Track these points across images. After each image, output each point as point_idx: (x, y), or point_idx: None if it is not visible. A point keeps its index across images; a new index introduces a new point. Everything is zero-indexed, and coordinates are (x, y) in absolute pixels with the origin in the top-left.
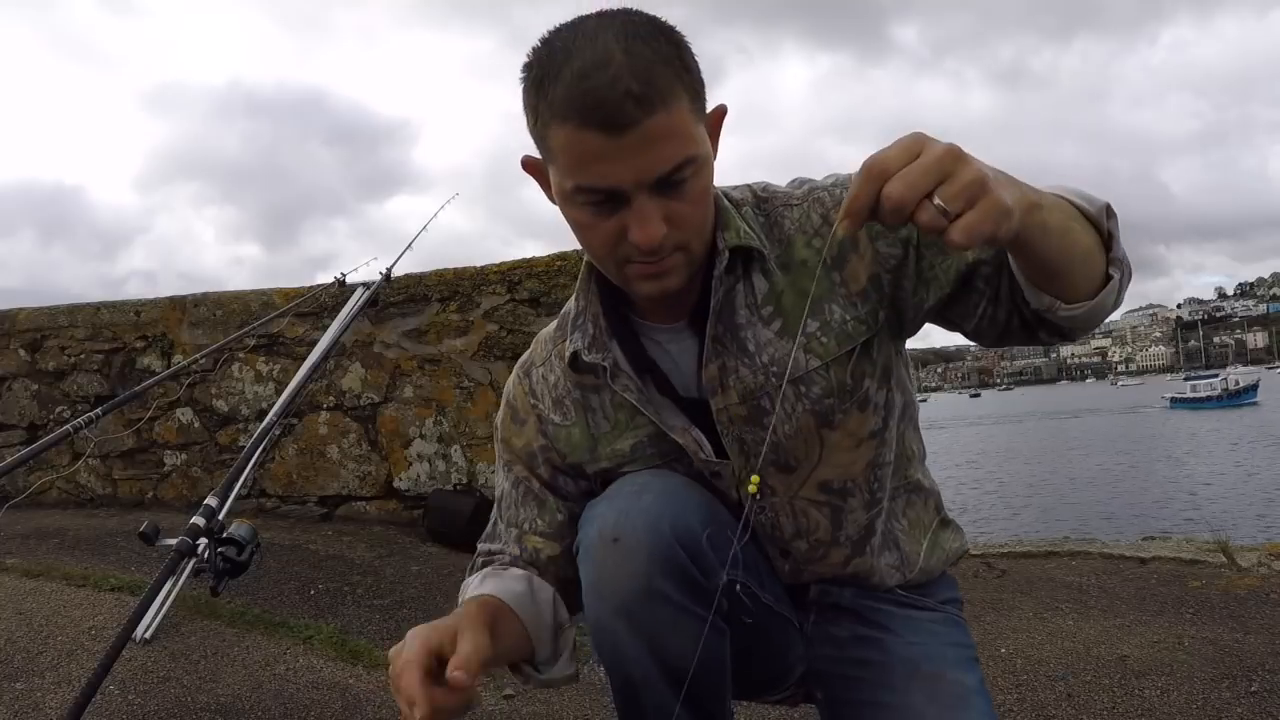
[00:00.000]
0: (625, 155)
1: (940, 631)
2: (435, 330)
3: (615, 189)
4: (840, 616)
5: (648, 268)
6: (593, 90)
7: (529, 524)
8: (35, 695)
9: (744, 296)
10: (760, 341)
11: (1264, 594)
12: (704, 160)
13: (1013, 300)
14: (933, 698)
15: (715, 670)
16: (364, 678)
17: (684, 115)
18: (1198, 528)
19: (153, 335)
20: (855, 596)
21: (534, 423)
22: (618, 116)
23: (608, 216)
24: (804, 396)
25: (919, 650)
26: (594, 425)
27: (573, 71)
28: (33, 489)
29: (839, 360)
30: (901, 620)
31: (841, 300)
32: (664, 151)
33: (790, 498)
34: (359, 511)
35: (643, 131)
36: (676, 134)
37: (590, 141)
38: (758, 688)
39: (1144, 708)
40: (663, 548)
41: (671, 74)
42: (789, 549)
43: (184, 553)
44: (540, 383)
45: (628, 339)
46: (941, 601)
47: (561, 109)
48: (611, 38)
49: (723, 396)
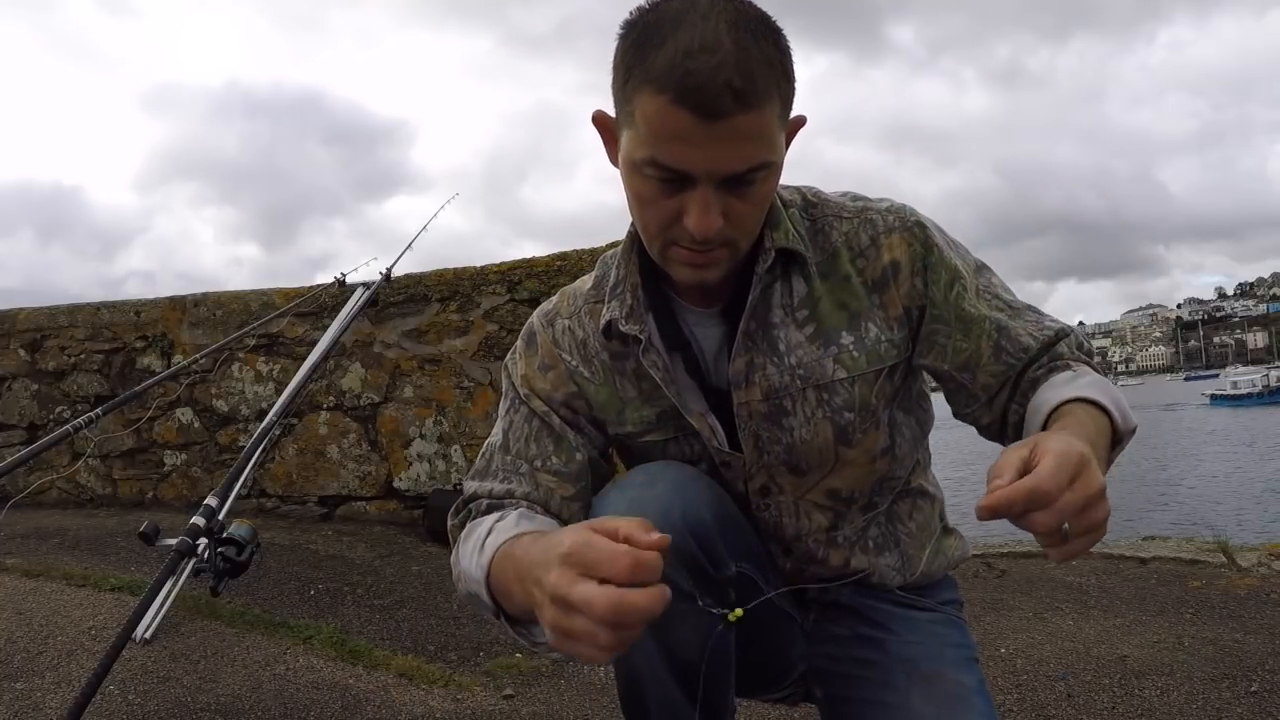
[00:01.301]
0: (708, 143)
1: (940, 632)
2: (435, 330)
3: (687, 173)
4: (841, 615)
5: (694, 256)
6: (696, 71)
7: (542, 460)
8: (35, 695)
9: (780, 296)
10: (791, 343)
11: (1264, 594)
12: (777, 167)
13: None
14: (931, 697)
15: (721, 663)
16: (364, 678)
17: (772, 120)
18: (1247, 534)
19: (153, 335)
20: (855, 595)
21: (562, 369)
22: (713, 105)
23: (670, 196)
24: (826, 404)
25: (918, 650)
26: (621, 389)
27: (679, 46)
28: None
29: (865, 378)
30: (901, 620)
31: (879, 321)
32: (745, 150)
33: (797, 499)
34: (359, 511)
35: (732, 125)
36: (761, 136)
37: (679, 120)
38: (759, 685)
39: (1144, 708)
40: (674, 538)
41: (772, 77)
42: (791, 548)
43: (184, 553)
44: (565, 334)
45: (663, 314)
46: (941, 602)
47: (659, 79)
48: (724, 24)
49: (746, 391)
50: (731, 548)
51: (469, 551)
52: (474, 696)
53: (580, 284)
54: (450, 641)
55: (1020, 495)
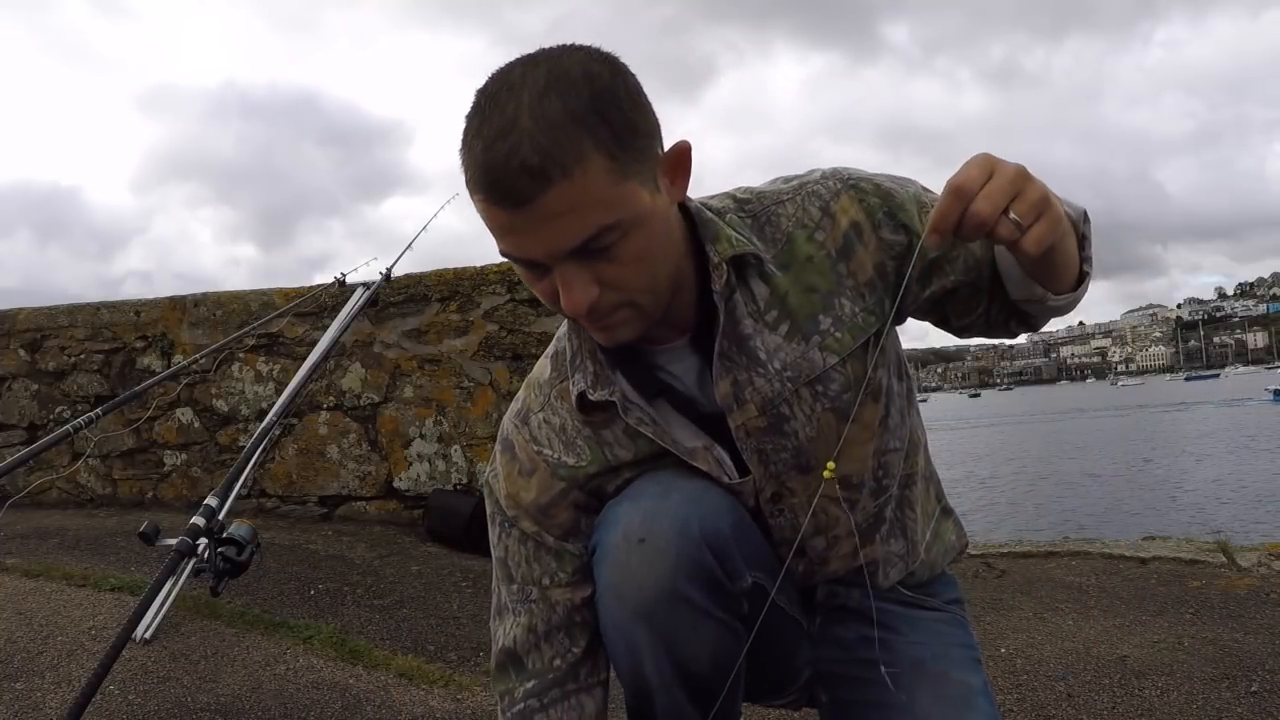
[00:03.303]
0: (531, 229)
1: (945, 632)
2: (435, 330)
3: (532, 260)
4: (847, 618)
5: (594, 325)
6: (491, 164)
7: (549, 578)
8: (35, 695)
9: (745, 305)
10: (770, 349)
11: (1264, 594)
12: (634, 222)
13: (990, 294)
14: (938, 698)
15: (728, 674)
16: (364, 678)
17: (595, 181)
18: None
19: (153, 335)
20: (863, 598)
21: (544, 469)
22: (514, 193)
23: (540, 279)
24: (823, 395)
25: (924, 650)
26: (612, 457)
27: (481, 140)
28: (33, 489)
29: (855, 354)
30: (907, 621)
31: (850, 293)
32: (570, 225)
33: (810, 496)
34: (359, 511)
35: (542, 207)
36: (583, 204)
37: (497, 214)
38: (765, 691)
39: (1144, 708)
40: (691, 550)
41: (581, 133)
42: (805, 548)
43: (184, 553)
44: (542, 427)
45: (631, 367)
46: (946, 601)
47: (472, 180)
48: (526, 95)
49: (740, 412)
50: (747, 557)
51: None
52: (474, 696)
53: (539, 371)
54: (450, 641)
55: (948, 200)
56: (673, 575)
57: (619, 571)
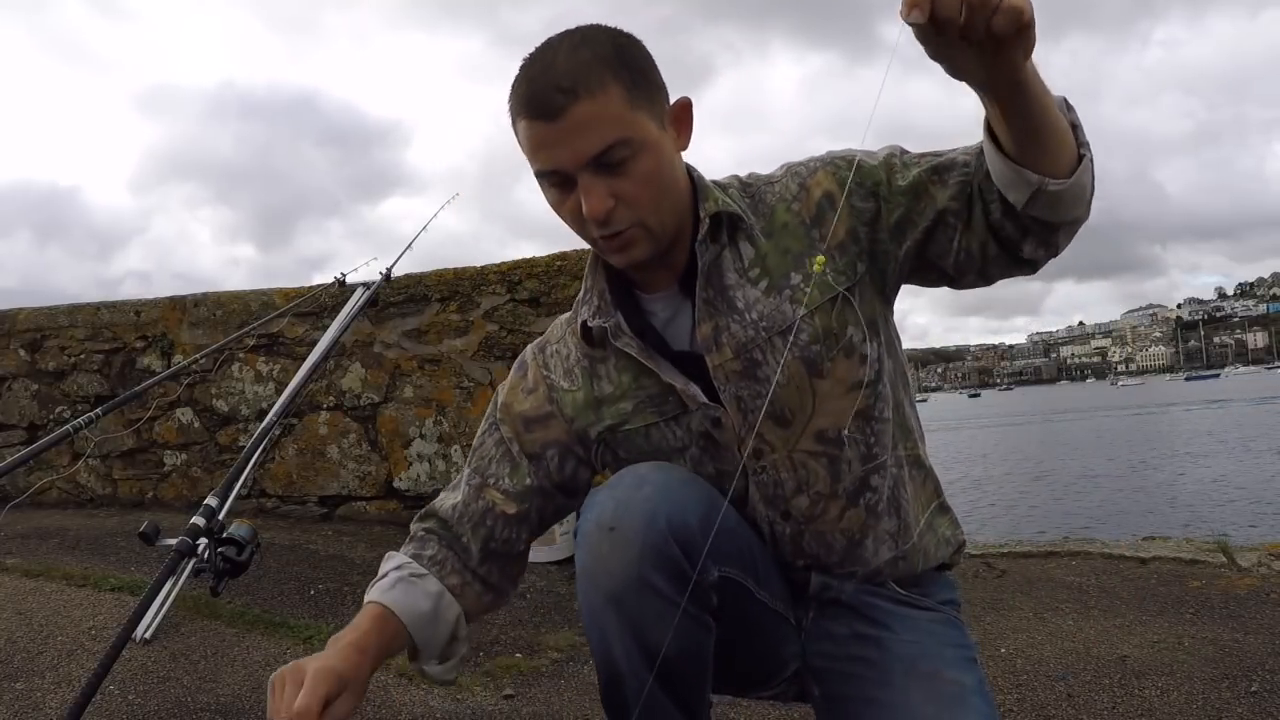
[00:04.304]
0: (560, 139)
1: (939, 631)
2: (435, 330)
3: (560, 170)
4: (840, 613)
5: (610, 242)
6: (531, 87)
7: (495, 479)
8: (35, 695)
9: (731, 262)
10: (749, 300)
11: (1264, 594)
12: (643, 144)
13: (986, 225)
14: (929, 696)
15: (698, 663)
16: None
17: (613, 104)
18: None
19: (153, 335)
20: (856, 593)
21: (544, 390)
22: (549, 105)
23: (566, 196)
24: (793, 346)
25: (917, 649)
26: (598, 389)
27: (524, 75)
28: (33, 489)
29: (823, 308)
30: (900, 619)
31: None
32: (593, 134)
33: (789, 451)
34: (359, 511)
35: (571, 117)
36: (605, 119)
37: (535, 129)
38: (749, 683)
39: (1144, 708)
40: (656, 540)
41: (601, 69)
42: (789, 509)
43: (184, 553)
44: (553, 357)
45: (629, 308)
46: (941, 602)
47: (515, 106)
48: (563, 45)
49: (718, 354)
50: (717, 552)
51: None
52: (474, 696)
53: (564, 315)
54: None
55: None
56: (639, 563)
57: (591, 556)
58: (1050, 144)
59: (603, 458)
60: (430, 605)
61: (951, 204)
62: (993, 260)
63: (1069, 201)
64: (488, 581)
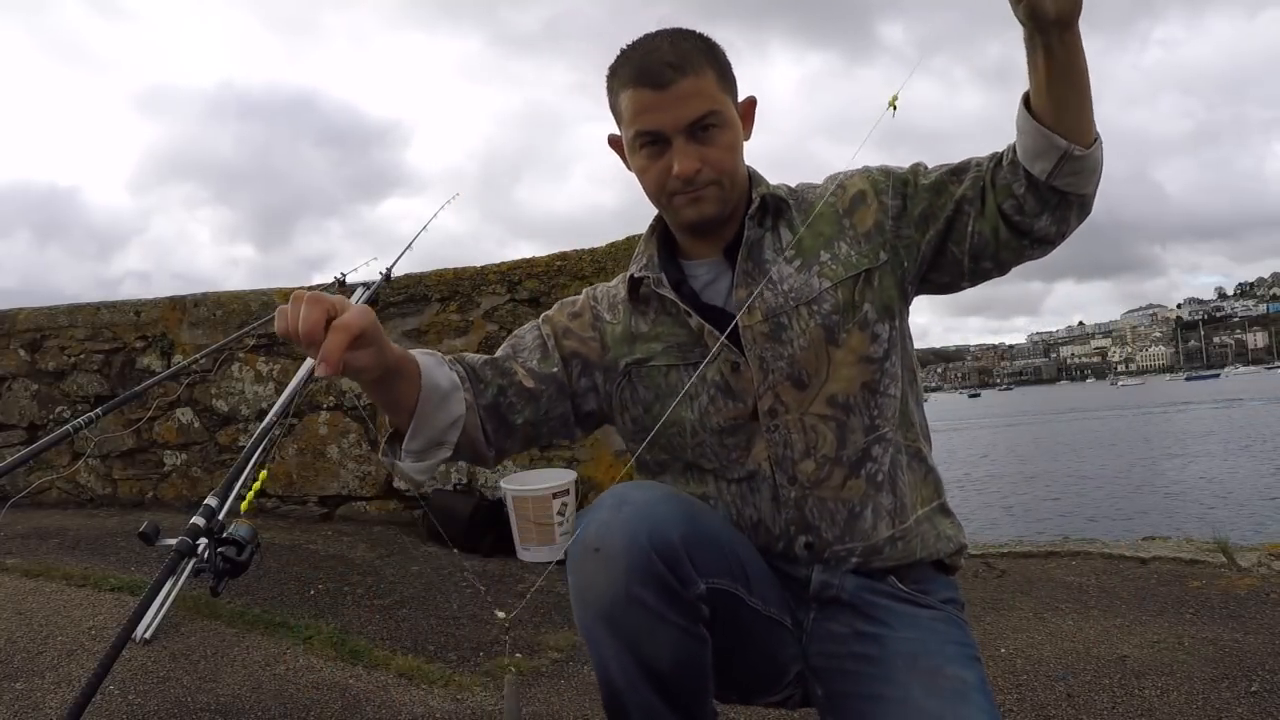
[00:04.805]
0: (665, 105)
1: (940, 629)
2: (435, 330)
3: (659, 131)
4: (841, 613)
5: (687, 195)
6: (643, 60)
7: (524, 359)
8: (35, 695)
9: (771, 243)
10: (783, 275)
11: (1264, 594)
12: (729, 120)
13: (997, 211)
14: (932, 691)
15: (696, 674)
16: (364, 678)
17: (710, 84)
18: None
19: (153, 335)
20: (857, 590)
21: (589, 317)
22: (660, 76)
23: (658, 157)
24: (815, 313)
25: (918, 645)
26: (635, 327)
27: (632, 55)
28: (33, 489)
29: (845, 283)
30: (901, 617)
31: (849, 239)
32: (693, 105)
33: (801, 414)
34: (359, 511)
35: (678, 88)
36: (703, 94)
37: (643, 97)
38: (752, 690)
39: (1144, 708)
40: (639, 557)
41: (701, 56)
42: (796, 473)
43: (184, 553)
44: (603, 297)
45: (673, 270)
46: (942, 600)
47: (624, 78)
48: (664, 38)
49: (749, 316)
50: (703, 565)
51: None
52: (474, 696)
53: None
54: (450, 641)
55: None
56: (625, 580)
57: (580, 577)
58: (1082, 106)
59: (620, 393)
60: (447, 386)
61: (967, 193)
62: (1004, 244)
63: (1088, 171)
64: (484, 424)
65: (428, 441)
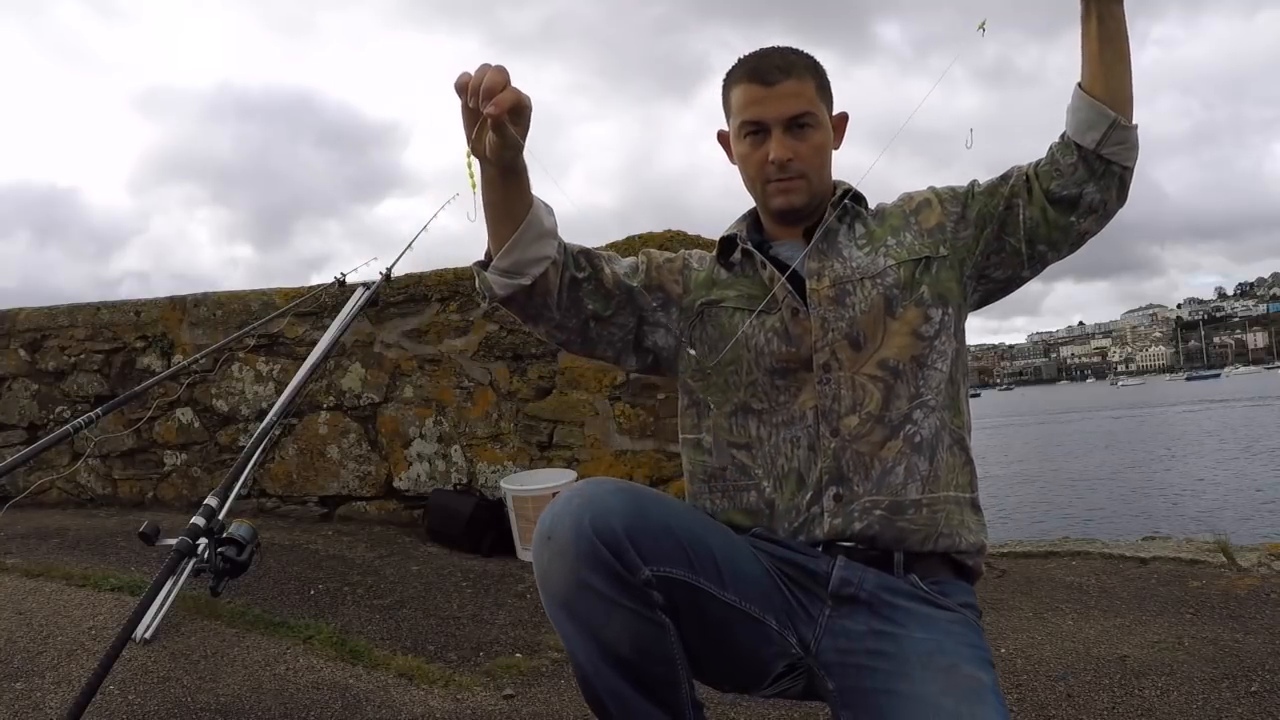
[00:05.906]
0: (770, 100)
1: (957, 631)
2: (435, 330)
3: (762, 121)
4: (857, 611)
5: (780, 183)
6: (756, 63)
7: (617, 264)
8: (35, 695)
9: (846, 233)
10: (852, 255)
11: (1264, 594)
12: (822, 124)
13: (1043, 194)
14: (948, 688)
15: (661, 661)
16: (364, 678)
17: (810, 90)
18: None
19: (153, 335)
20: (875, 589)
21: (680, 263)
22: (768, 75)
23: (758, 146)
24: (878, 284)
25: (934, 645)
26: (716, 275)
27: (749, 59)
28: (33, 489)
29: (907, 264)
30: (918, 617)
31: (913, 232)
32: (793, 103)
33: (854, 372)
34: (359, 511)
35: (782, 87)
36: (803, 95)
37: (752, 91)
38: (737, 683)
39: (1144, 708)
40: (584, 543)
41: (805, 68)
42: (839, 427)
43: (184, 553)
44: (696, 253)
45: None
46: (960, 604)
47: (737, 76)
48: (779, 49)
49: (817, 281)
50: (650, 553)
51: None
52: (474, 696)
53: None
54: (450, 641)
55: None
56: (575, 566)
57: (538, 565)
58: (1124, 76)
59: (692, 329)
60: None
61: (1015, 186)
62: (1054, 224)
63: (1131, 144)
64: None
65: (515, 264)
